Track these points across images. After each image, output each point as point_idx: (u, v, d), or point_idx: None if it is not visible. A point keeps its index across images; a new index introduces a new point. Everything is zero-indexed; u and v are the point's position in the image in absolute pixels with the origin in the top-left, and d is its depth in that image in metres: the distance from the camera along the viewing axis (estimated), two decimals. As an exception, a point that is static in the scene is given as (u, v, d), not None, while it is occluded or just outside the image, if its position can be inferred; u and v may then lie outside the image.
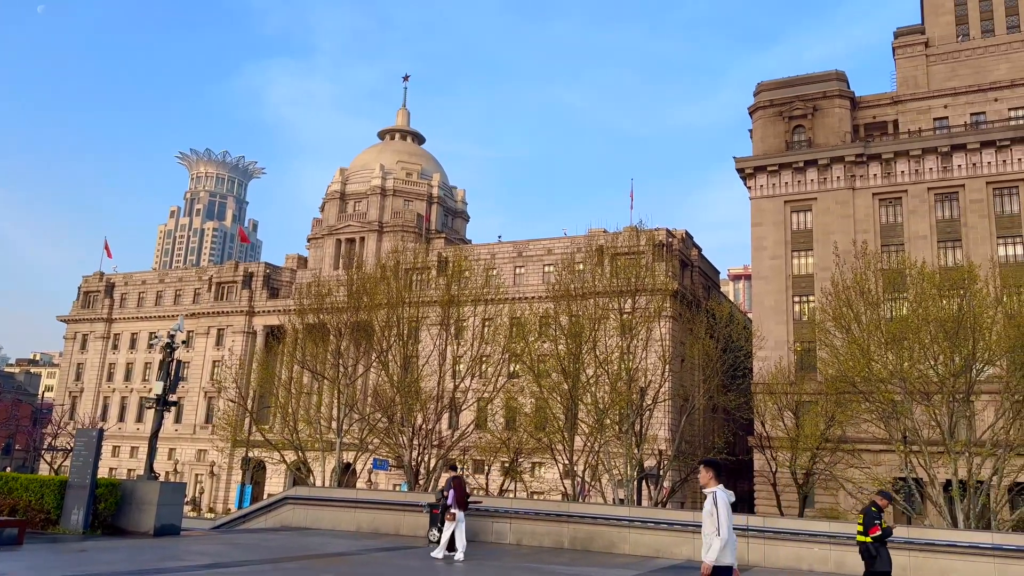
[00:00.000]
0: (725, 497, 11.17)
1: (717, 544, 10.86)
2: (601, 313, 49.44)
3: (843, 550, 24.44)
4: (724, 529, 10.90)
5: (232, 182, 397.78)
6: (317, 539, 27.63)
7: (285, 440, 56.28)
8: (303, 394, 61.81)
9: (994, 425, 41.08)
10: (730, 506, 11.23)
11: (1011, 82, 67.19)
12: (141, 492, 25.41)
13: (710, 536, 11.01)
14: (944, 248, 64.35)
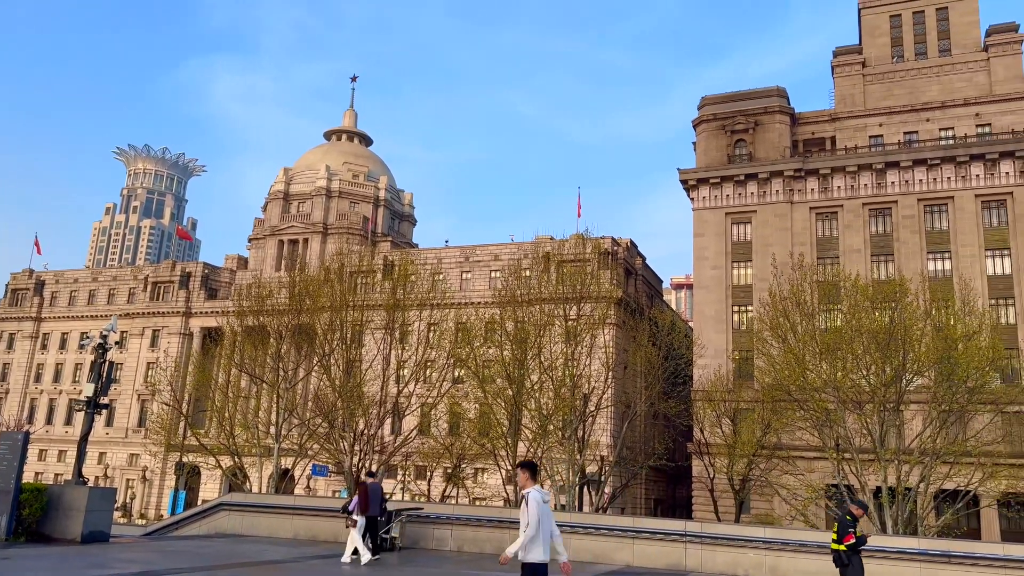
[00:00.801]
0: (539, 497, 11.76)
1: (523, 540, 11.56)
2: (547, 319, 49.70)
3: (777, 555, 24.94)
4: (533, 527, 11.51)
5: (171, 179, 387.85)
6: (253, 547, 27.06)
7: (221, 445, 55.08)
8: (241, 398, 60.66)
9: (922, 434, 42.34)
10: (545, 505, 11.85)
11: (942, 103, 69.77)
12: (69, 498, 24.53)
13: (524, 534, 11.64)
14: (877, 262, 66.29)
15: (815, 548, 24.85)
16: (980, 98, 69.01)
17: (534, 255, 61.30)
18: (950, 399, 42.52)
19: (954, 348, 42.83)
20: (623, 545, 26.50)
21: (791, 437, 50.88)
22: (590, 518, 31.59)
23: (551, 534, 11.90)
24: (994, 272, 63.95)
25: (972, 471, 44.51)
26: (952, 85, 70.58)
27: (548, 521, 11.88)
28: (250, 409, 58.98)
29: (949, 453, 42.39)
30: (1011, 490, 48.31)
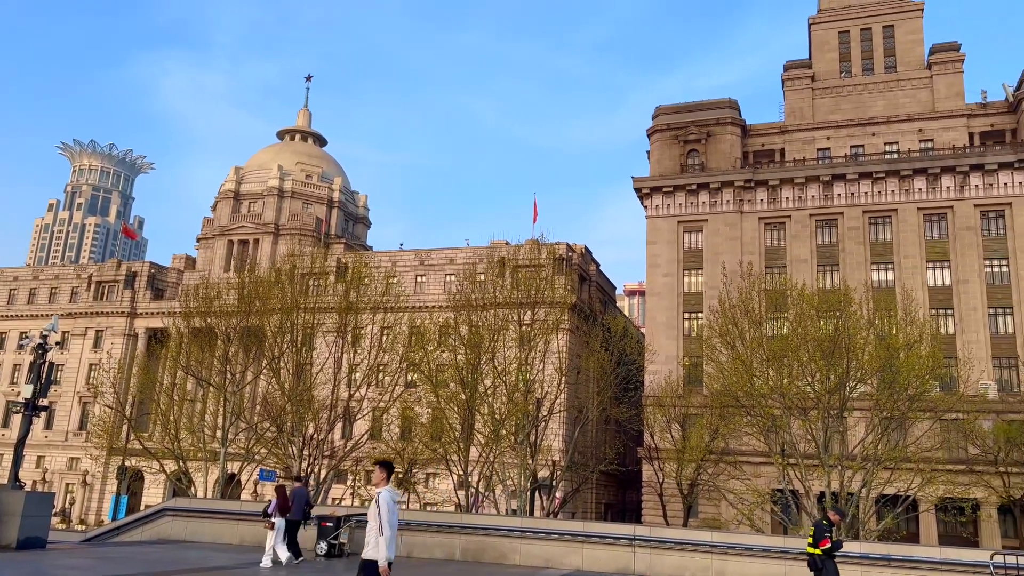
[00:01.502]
0: (389, 497, 12.08)
1: (383, 543, 11.72)
2: (501, 324, 49.65)
3: (724, 559, 25.30)
4: (387, 527, 11.79)
5: (118, 176, 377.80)
6: (196, 553, 26.50)
7: (165, 449, 53.77)
8: (186, 401, 59.35)
9: (864, 440, 43.24)
10: (395, 504, 12.17)
11: (887, 118, 71.81)
12: (3, 503, 23.75)
13: (372, 532, 11.89)
14: (823, 271, 67.74)
15: (760, 552, 25.32)
16: (923, 114, 71.17)
17: (489, 260, 61.17)
18: (891, 406, 43.40)
19: (896, 357, 43.72)
20: (573, 549, 26.65)
21: (738, 442, 51.57)
22: (541, 523, 31.69)
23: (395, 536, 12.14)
24: (934, 283, 65.90)
25: (911, 477, 45.61)
26: (897, 101, 72.67)
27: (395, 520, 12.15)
28: (196, 412, 57.67)
29: (890, 459, 43.19)
30: (948, 495, 49.73)
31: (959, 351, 62.30)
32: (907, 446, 44.90)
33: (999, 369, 62.78)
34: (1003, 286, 64.22)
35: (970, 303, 64.22)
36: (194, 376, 57.37)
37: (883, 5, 75.82)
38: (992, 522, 56.10)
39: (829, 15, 77.37)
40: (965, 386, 58.21)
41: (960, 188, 66.45)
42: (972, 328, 63.55)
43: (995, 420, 55.52)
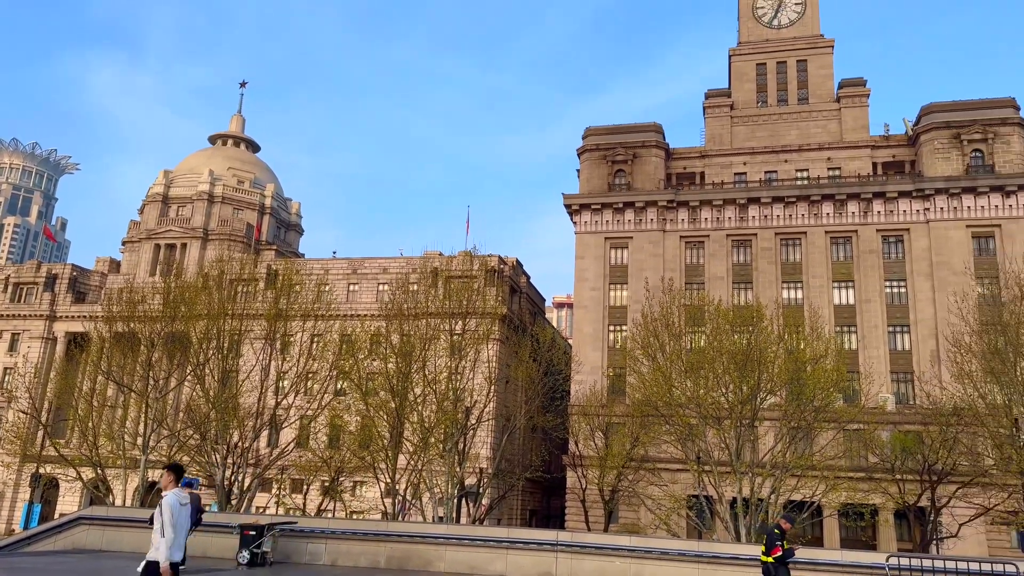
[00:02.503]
0: (174, 500, 12.18)
1: (164, 545, 11.84)
2: (432, 333, 49.36)
3: (641, 563, 25.60)
4: (168, 529, 11.91)
5: (40, 176, 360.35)
6: (112, 563, 25.36)
7: (83, 456, 51.42)
8: (107, 407, 56.92)
9: (773, 448, 44.46)
10: (183, 508, 12.30)
11: (799, 147, 74.32)
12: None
13: (156, 534, 12.01)
14: (738, 289, 69.53)
15: (676, 556, 25.70)
16: (832, 144, 73.82)
17: (422, 270, 60.83)
18: (799, 417, 44.64)
19: (803, 370, 45.02)
20: (498, 555, 26.58)
21: (657, 450, 52.35)
22: (466, 530, 31.50)
23: (184, 538, 12.39)
24: (839, 302, 68.22)
25: (816, 484, 47.03)
26: (808, 130, 75.29)
27: (184, 523, 12.29)
28: (116, 419, 55.31)
29: (797, 467, 44.31)
30: (849, 501, 51.48)
31: (861, 366, 64.79)
32: (812, 454, 46.12)
33: (896, 383, 65.10)
34: (901, 306, 66.87)
35: (871, 321, 66.67)
36: (115, 382, 55.14)
37: (797, 41, 78.55)
38: (889, 526, 58.10)
39: (748, 48, 79.74)
40: (866, 398, 60.59)
41: (864, 214, 69.13)
42: (873, 344, 65.97)
43: (892, 431, 57.53)
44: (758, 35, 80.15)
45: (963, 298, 58.96)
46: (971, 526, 52.10)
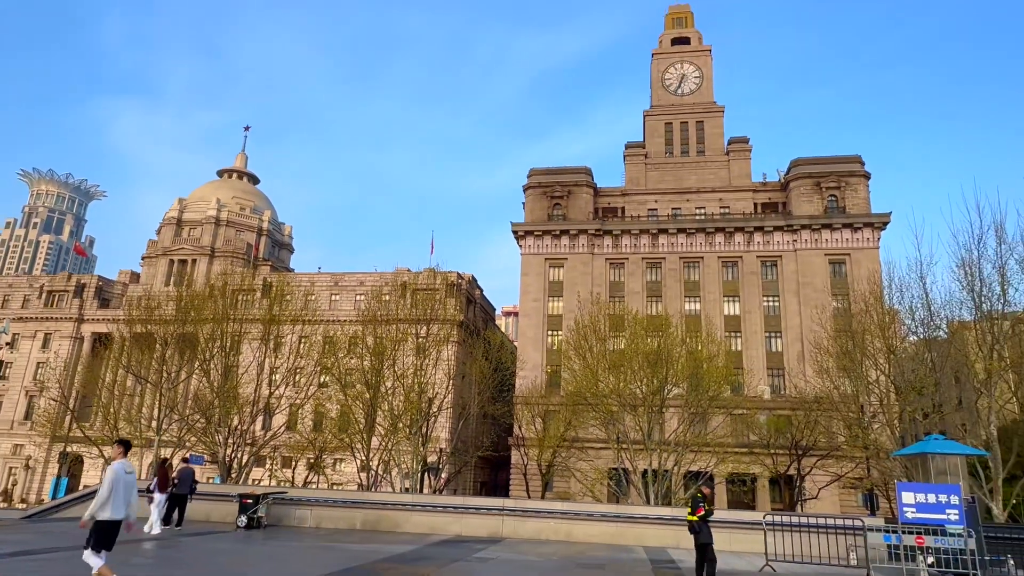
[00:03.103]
0: (120, 468, 12.18)
1: (96, 503, 11.80)
2: (401, 336, 48.91)
3: (572, 523, 25.80)
4: (104, 490, 11.83)
5: (72, 201, 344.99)
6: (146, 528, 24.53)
7: (105, 436, 49.54)
8: (126, 395, 54.96)
9: (676, 430, 45.08)
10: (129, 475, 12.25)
11: (698, 189, 76.17)
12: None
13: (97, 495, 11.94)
14: (651, 301, 70.66)
15: (599, 517, 25.98)
16: (723, 188, 75.81)
17: (393, 283, 60.42)
18: (697, 404, 45.04)
19: (700, 367, 45.61)
20: (454, 519, 26.53)
21: (585, 432, 52.53)
22: (428, 498, 31.35)
23: (128, 500, 12.10)
24: (728, 313, 69.87)
25: (710, 457, 47.83)
26: (705, 176, 77.21)
27: (126, 489, 12.08)
28: (134, 406, 53.41)
29: (695, 444, 44.76)
30: (735, 471, 52.52)
31: (744, 363, 66.38)
32: (707, 434, 46.63)
33: (771, 377, 66.73)
34: (775, 316, 68.77)
35: (752, 328, 68.40)
36: (134, 374, 53.33)
37: (696, 106, 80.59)
38: (765, 491, 59.35)
39: (658, 110, 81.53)
40: (748, 389, 62.06)
41: (747, 243, 71.04)
42: (753, 346, 67.67)
43: (768, 415, 58.97)
44: (666, 100, 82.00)
45: (822, 310, 60.82)
46: (828, 490, 53.62)
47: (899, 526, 18.33)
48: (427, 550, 20.86)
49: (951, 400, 40.95)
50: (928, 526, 17.95)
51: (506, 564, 18.42)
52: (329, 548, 20.97)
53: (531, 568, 17.82)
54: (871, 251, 67.42)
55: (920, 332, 38.46)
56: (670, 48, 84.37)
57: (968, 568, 17.45)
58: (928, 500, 18.16)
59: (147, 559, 17.65)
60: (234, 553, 19.11)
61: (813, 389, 49.88)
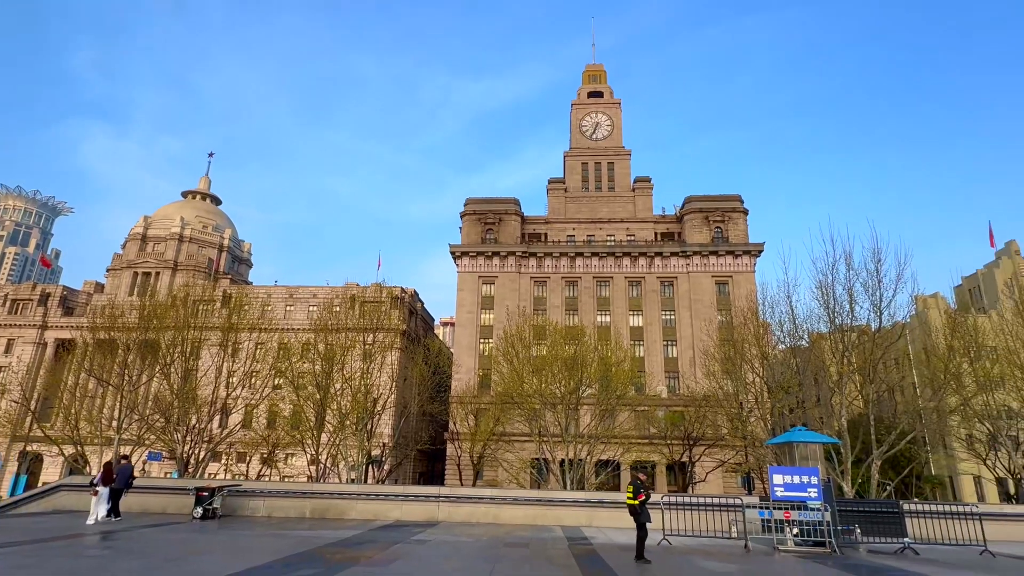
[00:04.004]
0: None
1: None
2: (350, 343, 47.63)
3: (499, 507, 25.61)
4: None
5: (40, 216, 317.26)
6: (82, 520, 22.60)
7: (65, 436, 45.59)
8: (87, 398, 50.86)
9: (589, 424, 45.70)
10: None
11: (609, 220, 78.10)
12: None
13: None
14: (569, 314, 71.66)
15: (523, 501, 25.91)
16: (629, 219, 78.02)
17: (343, 296, 58.78)
18: (607, 402, 45.81)
19: (610, 370, 46.59)
20: (395, 506, 25.87)
21: (512, 427, 52.48)
22: (372, 488, 30.43)
23: None
24: (633, 324, 71.65)
25: (617, 448, 48.68)
26: (615, 209, 79.32)
27: None
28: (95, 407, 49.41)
29: (604, 436, 45.55)
30: (638, 459, 53.61)
31: (646, 367, 68.09)
32: (615, 428, 47.63)
33: (668, 379, 68.54)
34: (672, 328, 70.97)
35: (653, 337, 70.36)
36: (96, 378, 49.36)
37: (607, 150, 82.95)
38: (663, 475, 60.78)
39: (576, 152, 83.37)
40: (649, 389, 63.66)
41: (649, 266, 73.25)
42: (654, 353, 69.54)
43: (665, 411, 60.62)
44: (583, 144, 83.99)
45: (709, 323, 63.34)
46: (714, 473, 55.51)
47: (771, 503, 19.10)
48: (370, 534, 20.19)
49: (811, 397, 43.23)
50: (794, 502, 18.78)
51: (442, 545, 18.04)
52: (280, 535, 19.96)
53: (463, 548, 17.52)
54: (749, 274, 70.77)
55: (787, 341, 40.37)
56: (586, 100, 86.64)
57: (825, 536, 18.36)
58: (794, 481, 19.01)
59: (102, 549, 16.26)
60: (189, 542, 17.88)
61: (702, 389, 51.49)
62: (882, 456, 33.58)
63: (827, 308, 35.71)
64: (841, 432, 33.26)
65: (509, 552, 16.69)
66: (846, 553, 18.18)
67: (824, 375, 38.10)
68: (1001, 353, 40.32)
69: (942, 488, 56.90)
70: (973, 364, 38.86)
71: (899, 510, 20.28)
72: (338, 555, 15.53)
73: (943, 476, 57.62)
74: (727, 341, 49.78)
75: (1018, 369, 38.83)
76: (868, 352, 34.52)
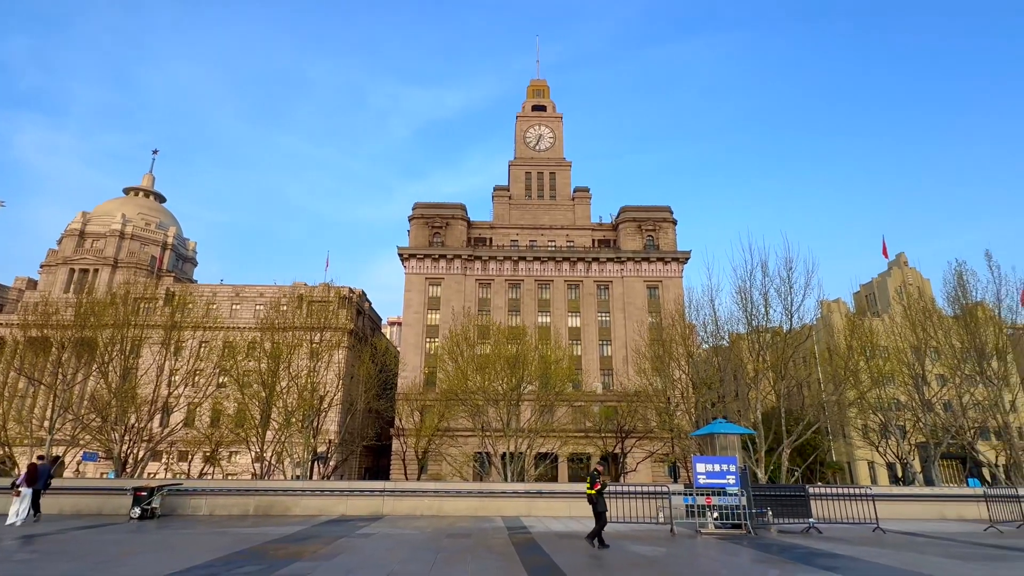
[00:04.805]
0: None
1: None
2: (297, 342, 46.05)
3: (442, 500, 25.37)
4: None
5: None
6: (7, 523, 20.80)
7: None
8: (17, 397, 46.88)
9: (530, 419, 46.03)
10: None
11: (550, 226, 78.95)
12: None
13: None
14: (511, 315, 71.94)
15: (465, 494, 25.77)
16: (569, 226, 79.08)
17: (291, 295, 56.85)
18: (546, 398, 46.24)
19: (550, 368, 47.13)
20: (341, 501, 25.20)
21: (456, 423, 52.13)
22: (317, 484, 29.52)
23: None
24: (572, 325, 72.60)
25: (556, 441, 49.18)
26: (556, 217, 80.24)
27: None
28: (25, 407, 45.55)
29: (544, 431, 45.87)
30: (574, 451, 54.39)
31: (583, 365, 69.20)
32: (553, 422, 48.04)
33: (603, 376, 69.63)
34: (607, 328, 72.40)
35: (589, 337, 71.52)
36: (27, 377, 45.61)
37: (550, 161, 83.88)
38: (597, 466, 62.17)
39: (520, 162, 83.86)
40: (586, 386, 64.70)
41: (587, 270, 74.51)
42: (590, 352, 70.70)
43: (600, 406, 61.76)
44: (527, 154, 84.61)
45: (641, 324, 65.04)
46: (644, 464, 56.96)
47: (694, 490, 19.83)
48: (314, 529, 19.56)
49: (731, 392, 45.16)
50: (714, 489, 19.57)
51: (386, 538, 17.71)
52: (222, 533, 19.02)
53: (407, 540, 17.27)
54: (677, 279, 73.16)
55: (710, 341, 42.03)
56: (531, 113, 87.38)
57: (741, 519, 19.22)
58: (715, 469, 19.81)
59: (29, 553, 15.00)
60: (124, 542, 16.76)
61: (634, 385, 52.76)
62: (791, 445, 35.49)
63: (745, 311, 37.46)
64: (756, 424, 34.90)
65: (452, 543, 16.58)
66: (759, 534, 19.09)
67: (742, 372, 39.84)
68: (891, 352, 43.49)
69: (841, 473, 60.71)
70: (868, 362, 41.69)
71: (805, 493, 21.51)
72: (281, 551, 14.97)
73: (842, 462, 61.50)
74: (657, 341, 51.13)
75: (905, 366, 42.00)
76: (780, 351, 36.40)
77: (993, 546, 16.61)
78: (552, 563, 13.12)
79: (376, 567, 12.71)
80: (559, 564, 12.98)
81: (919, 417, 41.71)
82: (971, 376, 40.26)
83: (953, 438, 41.49)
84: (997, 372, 39.58)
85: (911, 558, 14.10)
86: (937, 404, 41.97)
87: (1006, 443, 39.22)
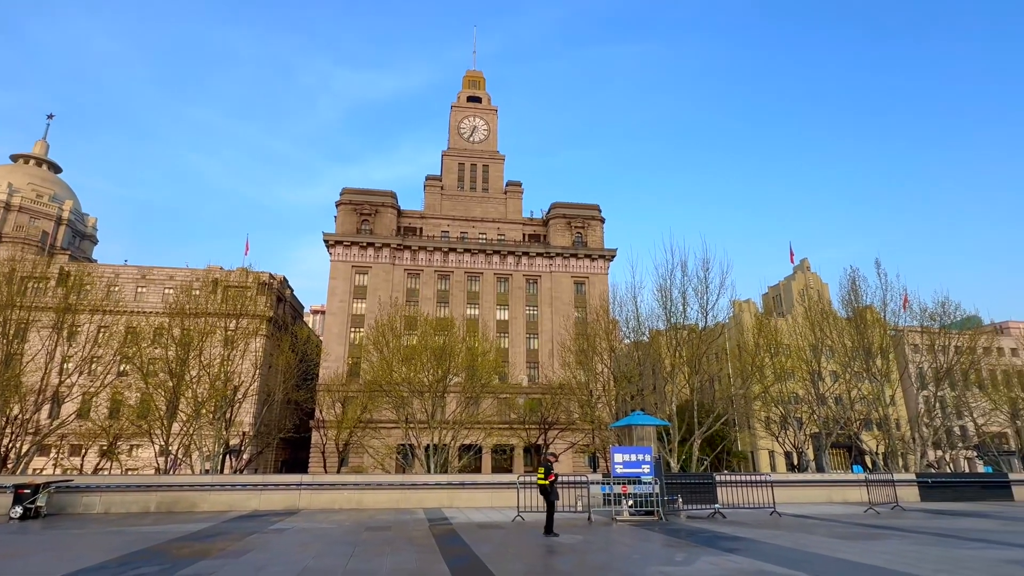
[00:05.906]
0: None
1: None
2: (209, 329, 43.36)
3: (363, 492, 24.89)
4: None
5: None
6: None
7: None
8: None
9: (455, 411, 46.11)
10: None
11: (482, 219, 79.13)
12: None
13: None
14: (440, 306, 71.59)
15: (387, 486, 25.42)
16: (500, 219, 79.66)
17: (205, 279, 53.41)
18: (472, 390, 46.52)
19: (476, 360, 47.41)
20: (253, 495, 24.09)
21: (379, 414, 51.33)
22: (227, 478, 28.03)
23: None
24: (500, 318, 73.42)
25: (480, 433, 49.59)
26: (488, 209, 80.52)
27: None
28: None
29: (469, 422, 46.22)
30: (498, 443, 55.07)
31: (510, 358, 70.11)
32: (478, 414, 48.64)
33: (530, 369, 71.05)
34: (534, 322, 73.77)
35: (517, 330, 72.62)
36: None
37: (483, 153, 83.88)
38: (520, 458, 62.92)
39: (454, 152, 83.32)
40: (512, 378, 65.58)
41: (516, 264, 75.41)
42: (517, 345, 71.80)
43: (525, 398, 62.92)
44: (461, 145, 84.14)
45: (567, 319, 66.65)
46: (565, 454, 58.57)
47: (612, 479, 20.63)
48: (223, 526, 18.60)
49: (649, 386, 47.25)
50: (630, 478, 20.45)
51: (300, 532, 17.15)
52: (118, 532, 17.66)
53: (324, 534, 16.82)
54: (603, 276, 75.59)
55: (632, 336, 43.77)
56: (465, 104, 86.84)
57: (655, 506, 20.22)
58: (631, 459, 20.66)
59: None
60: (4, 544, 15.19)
61: (558, 378, 54.09)
62: (702, 436, 37.71)
63: (665, 308, 39.34)
64: (671, 416, 36.79)
65: (371, 536, 16.32)
66: (670, 520, 20.16)
67: (660, 367, 41.82)
68: (793, 350, 47.16)
69: (745, 461, 65.27)
70: (773, 359, 45.00)
71: (712, 481, 22.93)
72: (185, 549, 14.14)
73: (747, 451, 66.11)
74: (582, 335, 52.62)
75: (804, 363, 45.70)
76: (695, 347, 38.52)
77: (870, 526, 18.50)
78: (471, 553, 13.23)
79: (289, 563, 12.29)
80: (478, 554, 13.12)
81: (814, 410, 45.57)
82: (859, 373, 44.44)
83: (842, 429, 45.71)
84: (880, 369, 43.93)
85: (801, 538, 15.43)
86: (830, 398, 46.02)
87: (885, 433, 43.66)
